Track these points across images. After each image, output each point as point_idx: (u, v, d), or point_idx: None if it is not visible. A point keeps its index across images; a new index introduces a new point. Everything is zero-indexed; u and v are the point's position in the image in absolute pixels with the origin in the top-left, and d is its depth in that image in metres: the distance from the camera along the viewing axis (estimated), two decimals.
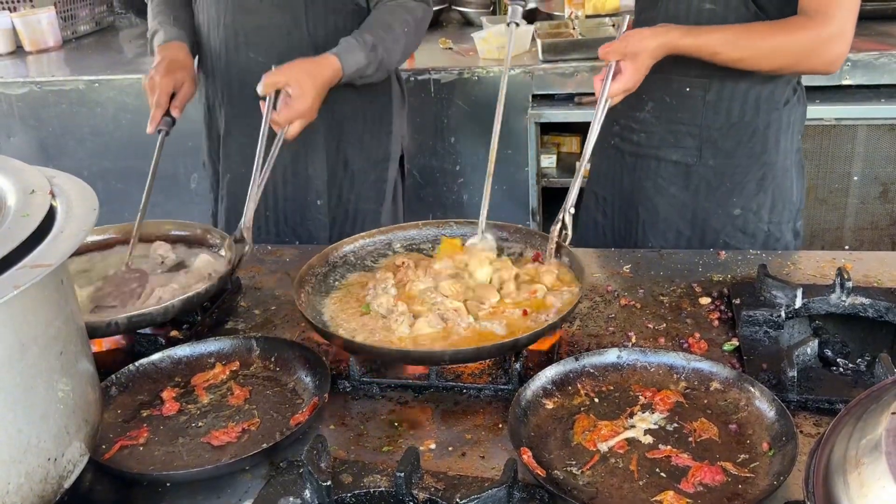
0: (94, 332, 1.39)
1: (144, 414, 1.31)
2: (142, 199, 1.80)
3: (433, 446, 1.22)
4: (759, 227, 1.91)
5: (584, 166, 1.64)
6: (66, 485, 1.01)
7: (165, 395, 1.34)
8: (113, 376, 1.36)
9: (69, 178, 1.14)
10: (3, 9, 4.03)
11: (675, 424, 1.20)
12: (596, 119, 1.64)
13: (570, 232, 1.56)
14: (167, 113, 1.91)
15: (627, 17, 1.76)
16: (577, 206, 2.23)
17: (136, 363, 1.39)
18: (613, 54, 1.63)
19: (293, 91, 1.79)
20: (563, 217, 1.56)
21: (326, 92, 1.88)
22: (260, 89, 1.81)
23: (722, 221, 1.91)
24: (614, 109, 2.02)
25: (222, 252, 1.72)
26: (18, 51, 4.00)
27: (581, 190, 2.24)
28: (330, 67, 1.90)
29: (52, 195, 1.05)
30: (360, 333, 1.39)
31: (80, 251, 1.74)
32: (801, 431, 1.19)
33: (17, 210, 1.00)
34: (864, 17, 3.22)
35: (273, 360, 1.42)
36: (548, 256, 1.56)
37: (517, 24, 1.82)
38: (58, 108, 3.53)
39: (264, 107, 1.80)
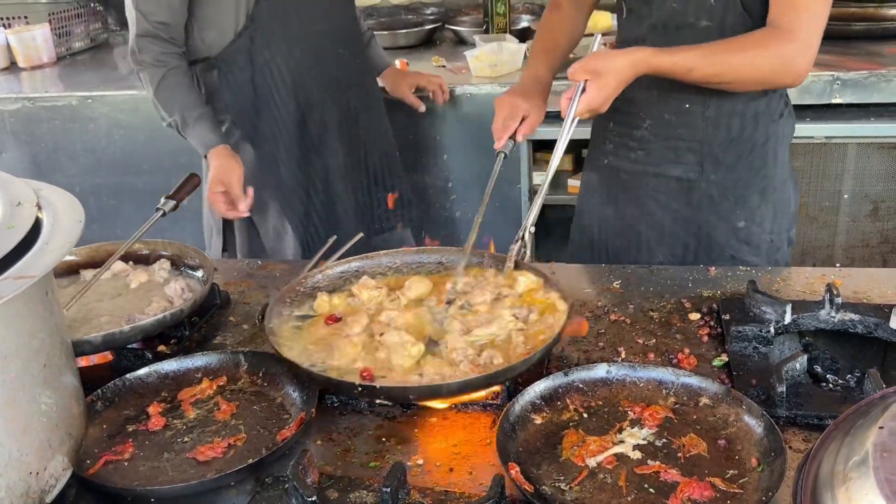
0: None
1: (130, 429, 1.30)
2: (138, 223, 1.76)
3: (421, 461, 1.21)
4: (763, 237, 1.92)
5: (546, 188, 1.64)
6: (49, 499, 1.00)
7: (151, 409, 1.33)
8: (99, 391, 1.35)
9: (56, 191, 1.14)
10: None
11: (664, 440, 1.19)
12: (561, 139, 1.65)
13: (528, 249, 1.56)
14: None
15: (598, 36, 1.74)
16: (569, 224, 2.24)
17: (123, 378, 1.38)
18: (578, 73, 1.63)
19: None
20: (524, 234, 1.56)
21: None
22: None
23: (726, 235, 1.91)
24: (606, 129, 2.03)
25: (199, 273, 1.72)
26: (12, 67, 4.01)
27: (571, 206, 2.26)
28: None
29: (39, 207, 1.05)
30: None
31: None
32: (791, 447, 1.19)
33: (2, 222, 0.99)
34: (854, 37, 3.29)
35: (260, 375, 1.41)
36: (506, 274, 1.55)
37: (505, 155, 1.89)
38: (50, 124, 3.53)
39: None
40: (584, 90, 1.63)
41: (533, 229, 1.56)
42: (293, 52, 2.37)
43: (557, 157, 1.65)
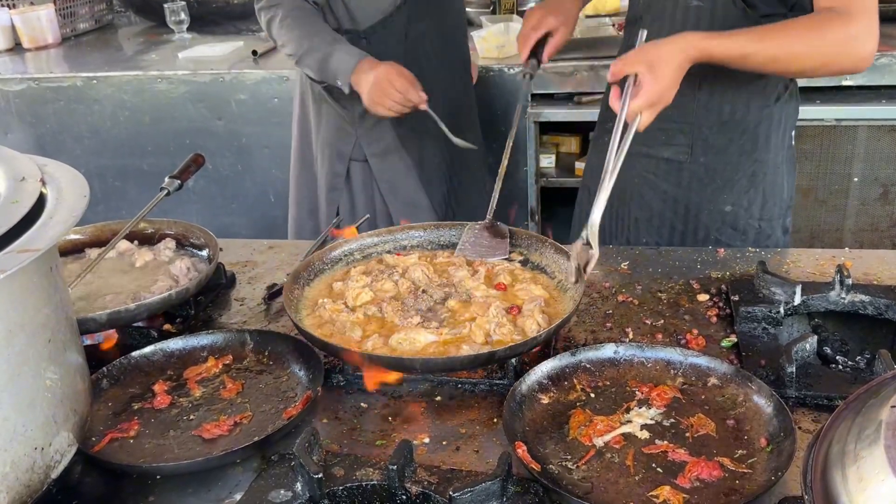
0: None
1: (135, 407, 1.30)
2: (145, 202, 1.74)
3: (427, 440, 1.20)
4: (750, 223, 1.89)
5: (606, 193, 1.44)
6: (54, 475, 0.99)
7: (157, 388, 1.33)
8: (104, 368, 1.34)
9: (60, 167, 1.13)
10: (3, 6, 4.02)
11: (672, 420, 1.19)
12: (615, 144, 1.46)
13: (595, 251, 1.39)
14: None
15: (644, 31, 1.61)
16: (572, 201, 2.23)
17: (128, 356, 1.38)
18: (627, 67, 1.50)
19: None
20: (586, 234, 1.41)
21: None
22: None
23: (713, 218, 1.89)
24: (608, 107, 2.00)
25: (204, 253, 1.72)
26: (17, 48, 4.00)
27: (576, 187, 2.25)
28: None
29: (43, 182, 1.04)
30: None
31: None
32: (800, 427, 1.18)
33: (6, 196, 0.98)
34: None
35: (266, 353, 1.40)
36: (567, 278, 1.45)
37: (531, 76, 1.91)
38: (55, 105, 3.53)
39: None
40: (636, 87, 1.49)
41: (597, 227, 1.40)
42: (444, 25, 2.37)
43: (613, 163, 1.45)
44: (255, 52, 3.59)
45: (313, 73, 2.21)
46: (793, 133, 1.91)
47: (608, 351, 1.31)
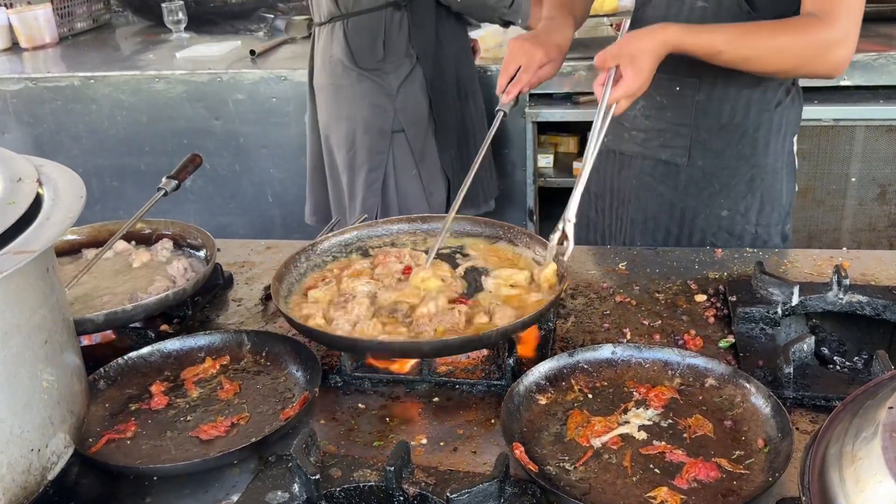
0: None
1: (133, 408, 1.29)
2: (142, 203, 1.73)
3: (424, 441, 1.20)
4: (747, 228, 1.88)
5: (585, 175, 1.52)
6: (50, 476, 0.99)
7: (154, 388, 1.33)
8: (101, 369, 1.34)
9: (57, 167, 1.13)
10: (0, 5, 4.02)
11: (670, 420, 1.19)
12: (596, 127, 1.54)
13: (571, 243, 1.45)
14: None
15: (626, 21, 1.66)
16: None
17: (125, 357, 1.38)
18: (610, 60, 1.55)
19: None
20: (564, 227, 1.47)
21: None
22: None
23: (709, 222, 1.88)
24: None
25: (201, 253, 1.71)
26: (14, 47, 4.00)
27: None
28: None
29: (39, 183, 1.04)
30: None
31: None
32: (797, 428, 1.18)
33: (3, 197, 0.98)
34: (864, 19, 3.25)
35: (264, 354, 1.40)
36: (546, 266, 1.48)
37: (505, 114, 1.82)
38: (53, 105, 3.52)
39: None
40: (616, 76, 1.54)
41: (574, 220, 1.45)
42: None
43: (593, 145, 1.53)
44: (252, 52, 3.59)
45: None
46: (794, 139, 1.90)
47: (606, 351, 1.31)
